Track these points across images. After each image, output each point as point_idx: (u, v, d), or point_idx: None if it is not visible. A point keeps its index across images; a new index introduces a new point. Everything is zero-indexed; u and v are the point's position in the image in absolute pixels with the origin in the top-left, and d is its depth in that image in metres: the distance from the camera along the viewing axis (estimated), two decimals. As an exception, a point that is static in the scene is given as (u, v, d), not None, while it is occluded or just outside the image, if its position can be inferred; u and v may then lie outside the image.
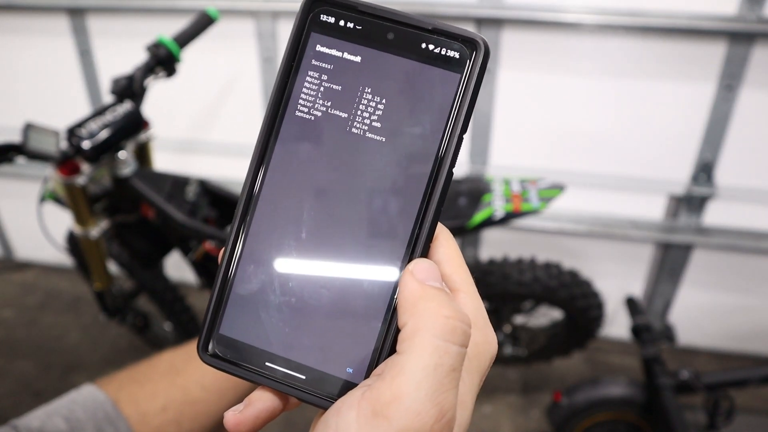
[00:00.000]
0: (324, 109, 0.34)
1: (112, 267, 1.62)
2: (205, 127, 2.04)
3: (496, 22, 1.64)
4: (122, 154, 1.31)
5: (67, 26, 1.94)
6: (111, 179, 1.36)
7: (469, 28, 1.63)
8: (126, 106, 1.28)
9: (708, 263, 1.91)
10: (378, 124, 0.33)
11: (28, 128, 1.13)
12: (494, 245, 2.03)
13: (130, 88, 1.30)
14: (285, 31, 1.81)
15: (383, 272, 0.33)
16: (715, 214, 1.81)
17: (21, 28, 2.00)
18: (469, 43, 0.32)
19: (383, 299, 0.33)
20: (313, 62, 0.34)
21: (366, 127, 0.33)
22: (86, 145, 1.20)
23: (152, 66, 1.33)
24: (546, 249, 1.93)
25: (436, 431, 0.29)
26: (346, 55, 0.33)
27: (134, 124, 1.30)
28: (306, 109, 0.34)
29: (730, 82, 1.60)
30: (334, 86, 0.33)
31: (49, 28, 1.97)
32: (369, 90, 0.33)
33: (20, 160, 1.19)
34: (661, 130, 1.72)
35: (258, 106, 1.95)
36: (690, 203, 1.79)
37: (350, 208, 0.33)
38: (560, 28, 1.63)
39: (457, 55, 0.32)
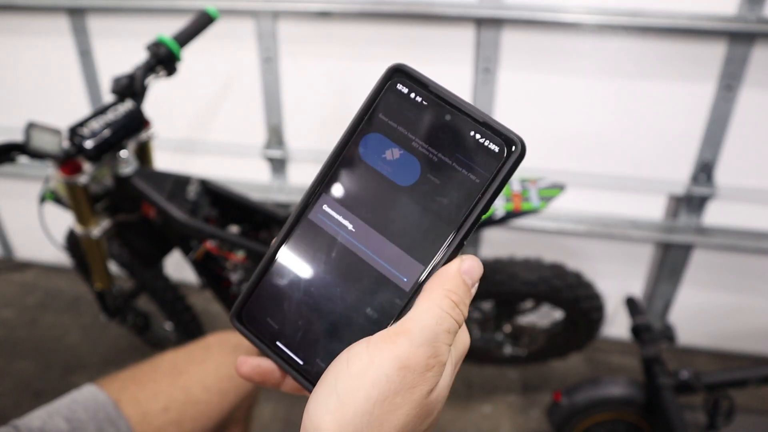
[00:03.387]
0: (378, 156, 0.39)
1: (113, 267, 1.63)
2: (205, 127, 2.04)
3: (496, 22, 1.64)
4: (123, 153, 1.31)
5: (67, 26, 1.94)
6: (112, 178, 1.36)
7: (469, 28, 1.62)
8: (127, 105, 1.28)
9: (708, 263, 1.91)
10: (415, 182, 0.38)
11: (30, 127, 1.13)
12: (494, 245, 2.03)
13: (131, 87, 1.30)
14: (285, 31, 1.81)
15: (393, 293, 0.39)
16: (715, 214, 1.82)
17: (21, 28, 2.00)
18: (509, 141, 0.37)
19: (388, 317, 0.39)
20: (380, 116, 0.39)
21: (407, 181, 0.39)
22: (88, 144, 1.20)
23: (153, 65, 1.34)
24: (546, 249, 1.93)
25: (430, 365, 0.35)
26: (406, 116, 0.39)
27: (136, 122, 1.30)
28: (363, 151, 0.39)
29: (729, 82, 1.60)
30: (391, 141, 0.39)
31: (50, 29, 1.97)
32: (416, 153, 0.38)
33: (22, 159, 1.18)
34: (661, 130, 1.72)
35: (258, 106, 1.95)
36: (690, 203, 1.80)
37: (378, 240, 0.39)
38: (560, 28, 1.63)
39: (497, 149, 0.37)
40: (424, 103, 0.38)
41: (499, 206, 1.28)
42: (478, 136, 0.37)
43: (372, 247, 0.39)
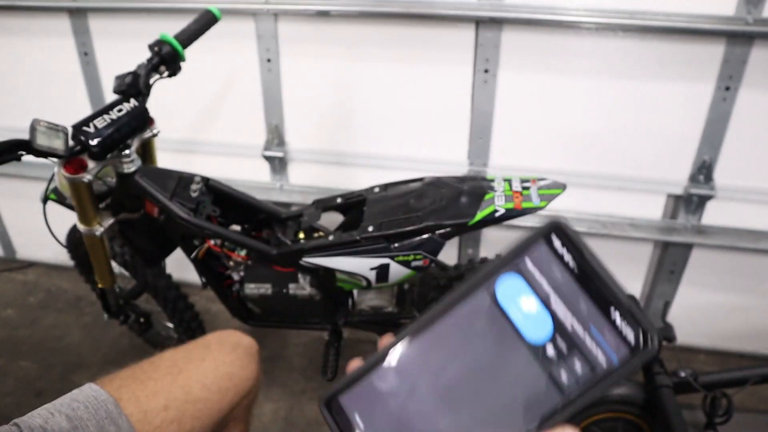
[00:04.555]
0: (512, 299, 0.37)
1: (114, 266, 1.63)
2: (205, 127, 2.04)
3: (496, 23, 1.65)
4: (127, 152, 1.32)
5: (69, 27, 1.95)
6: (116, 176, 1.36)
7: (469, 28, 1.62)
8: (132, 103, 1.29)
9: (707, 263, 1.91)
10: (545, 341, 0.36)
11: (35, 125, 1.12)
12: (494, 244, 2.03)
13: (135, 86, 1.30)
14: (285, 31, 1.81)
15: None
16: (714, 214, 1.82)
17: (22, 28, 2.00)
18: (645, 338, 0.35)
19: None
20: (527, 262, 0.37)
21: (534, 337, 0.36)
22: (94, 142, 1.20)
23: (156, 64, 1.34)
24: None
25: None
26: (551, 272, 0.37)
27: (140, 121, 1.30)
28: (503, 291, 0.37)
29: (728, 82, 1.60)
30: (531, 289, 0.37)
31: (51, 29, 1.97)
32: (552, 311, 0.36)
33: (26, 158, 1.18)
34: (660, 130, 1.73)
35: (258, 107, 1.95)
36: (689, 203, 1.80)
37: (491, 384, 0.37)
38: (560, 29, 1.63)
39: (632, 340, 0.35)
40: (574, 267, 0.36)
41: (500, 205, 1.29)
42: (618, 320, 0.35)
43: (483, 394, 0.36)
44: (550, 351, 0.35)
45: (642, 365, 0.35)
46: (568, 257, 0.36)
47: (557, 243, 0.37)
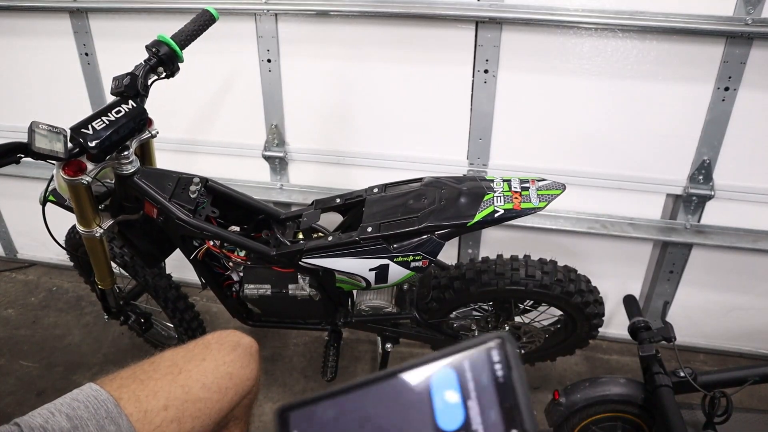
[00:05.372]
0: (441, 388, 0.40)
1: (114, 267, 1.63)
2: (205, 127, 2.05)
3: (496, 22, 1.65)
4: (126, 153, 1.32)
5: (69, 27, 1.95)
6: (115, 178, 1.36)
7: (469, 28, 1.62)
8: (130, 104, 1.29)
9: (706, 263, 1.91)
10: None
11: (33, 127, 1.11)
12: (494, 245, 2.04)
13: (133, 87, 1.30)
14: (285, 31, 1.81)
15: None
16: (713, 214, 1.82)
17: (23, 29, 2.01)
18: None
19: None
20: (464, 362, 0.41)
21: (445, 426, 0.39)
22: (92, 144, 1.20)
23: (154, 65, 1.34)
24: (545, 249, 1.94)
25: None
26: (481, 378, 0.40)
27: (138, 122, 1.30)
28: (436, 379, 0.41)
29: (727, 82, 1.61)
30: (459, 386, 0.40)
31: (51, 29, 1.98)
32: (468, 412, 0.39)
33: (26, 159, 1.18)
34: (660, 130, 1.73)
35: (258, 107, 1.96)
36: (688, 203, 1.80)
37: None
38: (560, 29, 1.63)
39: None
40: (501, 381, 0.39)
41: (499, 206, 1.29)
42: None
43: None
44: None
45: None
46: (498, 371, 0.39)
47: (495, 355, 0.40)
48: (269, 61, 1.86)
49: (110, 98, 1.33)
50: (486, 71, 1.72)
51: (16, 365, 2.08)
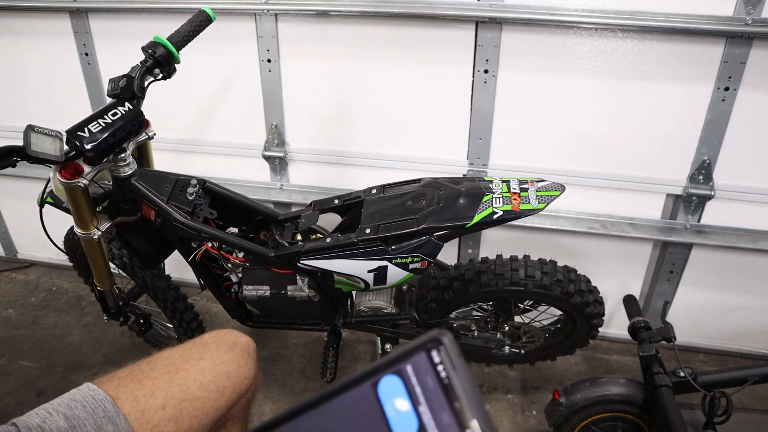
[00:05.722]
0: (390, 398, 0.40)
1: (113, 268, 1.63)
2: (205, 127, 2.05)
3: (496, 22, 1.65)
4: (123, 155, 1.32)
5: (69, 27, 1.95)
6: (112, 180, 1.36)
7: (469, 28, 1.62)
8: (127, 106, 1.28)
9: (706, 263, 1.91)
10: None
11: (29, 131, 1.10)
12: (494, 245, 2.03)
13: (130, 89, 1.30)
14: (285, 31, 1.81)
15: None
16: (713, 214, 1.82)
17: (23, 29, 2.01)
18: None
19: None
20: (407, 367, 0.41)
21: None
22: (89, 147, 1.20)
23: (151, 66, 1.33)
24: (545, 249, 1.94)
25: None
26: (426, 381, 0.40)
27: (135, 124, 1.30)
28: (384, 389, 0.41)
29: (727, 82, 1.60)
30: (407, 393, 0.40)
31: (51, 29, 1.98)
32: (420, 417, 0.39)
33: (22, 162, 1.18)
34: (660, 130, 1.73)
35: (258, 106, 1.96)
36: (688, 203, 1.80)
37: None
38: (560, 29, 1.63)
39: None
40: (446, 381, 0.39)
41: (498, 207, 1.29)
42: None
43: None
44: None
45: None
46: (442, 372, 0.39)
47: (436, 356, 0.39)
48: (269, 61, 1.86)
49: (109, 99, 1.33)
50: (486, 71, 1.72)
51: (16, 365, 2.08)
